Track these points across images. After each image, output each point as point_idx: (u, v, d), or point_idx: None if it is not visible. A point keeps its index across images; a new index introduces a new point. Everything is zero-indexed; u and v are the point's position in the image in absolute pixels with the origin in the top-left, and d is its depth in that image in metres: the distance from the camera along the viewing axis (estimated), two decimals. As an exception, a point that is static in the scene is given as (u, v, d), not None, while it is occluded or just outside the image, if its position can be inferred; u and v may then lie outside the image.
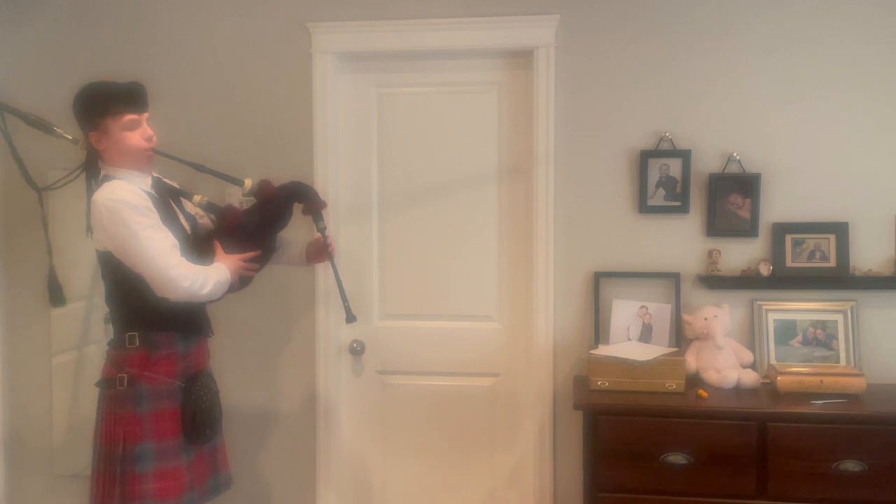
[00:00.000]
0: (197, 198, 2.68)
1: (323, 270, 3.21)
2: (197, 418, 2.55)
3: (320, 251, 2.84)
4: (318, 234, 2.79)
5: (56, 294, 3.07)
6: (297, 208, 2.76)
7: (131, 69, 2.82)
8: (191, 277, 2.43)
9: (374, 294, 3.31)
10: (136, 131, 2.49)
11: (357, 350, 3.29)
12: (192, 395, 2.55)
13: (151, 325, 2.50)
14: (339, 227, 3.27)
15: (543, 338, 3.12)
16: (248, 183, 2.70)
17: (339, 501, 3.32)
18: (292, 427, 3.29)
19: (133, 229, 2.38)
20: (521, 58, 3.13)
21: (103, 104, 2.46)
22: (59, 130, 2.90)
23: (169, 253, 2.42)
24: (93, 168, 2.57)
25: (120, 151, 2.48)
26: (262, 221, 2.69)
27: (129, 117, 2.48)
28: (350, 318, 2.77)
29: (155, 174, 2.63)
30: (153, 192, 2.57)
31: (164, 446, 2.48)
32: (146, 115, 2.55)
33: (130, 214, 2.38)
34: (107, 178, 2.51)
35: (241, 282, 2.66)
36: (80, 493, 2.65)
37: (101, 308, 3.05)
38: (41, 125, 2.92)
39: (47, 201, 3.14)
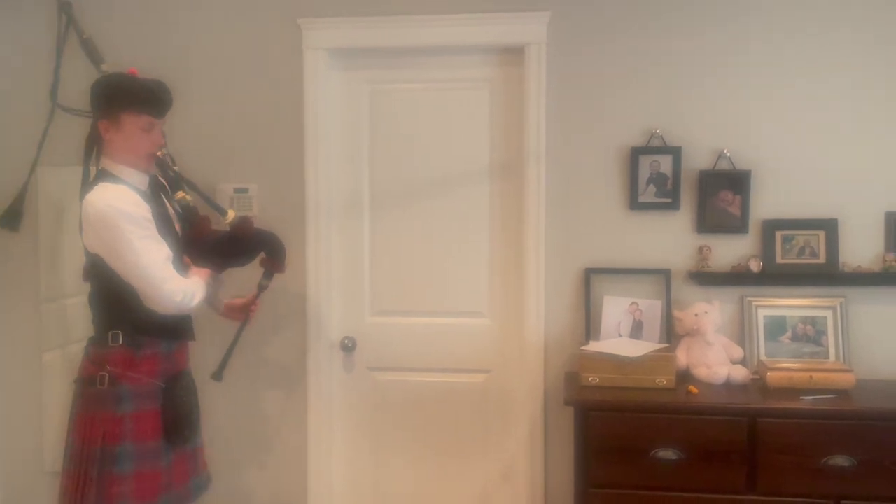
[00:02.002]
0: (179, 195, 2.65)
1: (315, 268, 3.21)
2: (178, 420, 2.51)
3: (241, 309, 2.79)
4: (255, 290, 2.76)
5: (13, 217, 2.96)
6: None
7: (119, 64, 2.80)
8: (182, 291, 2.43)
9: (366, 290, 3.31)
10: (149, 134, 2.47)
11: (348, 346, 3.29)
12: (174, 396, 2.52)
13: (137, 328, 2.47)
14: (331, 225, 3.26)
15: (534, 334, 3.13)
16: (231, 214, 2.68)
17: (330, 498, 3.31)
18: (283, 422, 3.29)
19: (129, 240, 2.34)
20: (513, 55, 3.13)
21: (128, 99, 2.43)
22: (104, 68, 2.76)
23: (163, 266, 2.40)
24: (92, 151, 2.53)
25: (125, 148, 2.46)
26: (223, 251, 2.67)
27: (149, 119, 2.46)
28: (218, 375, 2.74)
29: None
30: (148, 190, 2.55)
31: (143, 448, 2.44)
32: (164, 120, 2.53)
33: (127, 224, 2.34)
34: (105, 172, 2.47)
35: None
36: (70, 490, 2.67)
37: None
38: (92, 52, 2.78)
39: (38, 195, 3.13)
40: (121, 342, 2.45)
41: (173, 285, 2.41)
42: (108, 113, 2.44)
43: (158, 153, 2.55)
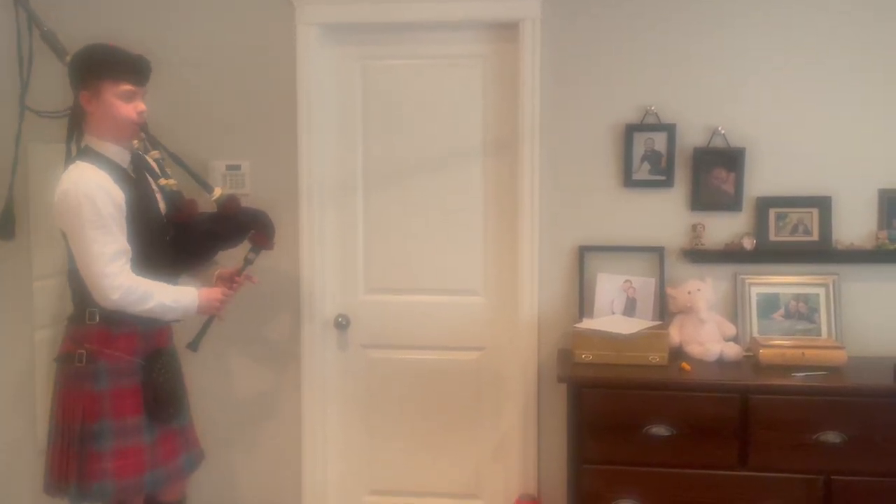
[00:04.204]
0: (163, 181, 2.63)
1: (308, 245, 3.20)
2: (159, 396, 2.51)
3: (227, 280, 2.74)
4: (241, 263, 2.73)
5: (7, 226, 2.92)
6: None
7: (109, 41, 2.77)
8: (123, 289, 2.37)
9: (359, 268, 3.30)
10: (130, 103, 2.46)
11: (342, 324, 3.29)
12: (153, 372, 2.52)
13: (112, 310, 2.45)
14: (325, 201, 3.25)
15: (528, 312, 3.13)
16: (218, 191, 2.66)
17: (324, 474, 3.33)
18: (277, 400, 3.29)
19: (82, 225, 2.34)
20: (507, 30, 3.11)
21: (105, 66, 2.43)
22: (69, 59, 2.67)
23: (108, 259, 2.36)
24: (76, 128, 2.53)
25: (107, 119, 2.45)
26: (211, 231, 2.65)
27: (127, 87, 2.45)
28: (194, 346, 2.70)
29: (137, 144, 2.59)
30: (130, 168, 2.53)
31: (123, 424, 2.44)
32: (144, 90, 2.51)
33: (85, 209, 2.33)
34: (86, 149, 2.47)
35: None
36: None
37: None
38: (54, 45, 2.74)
39: (29, 171, 3.11)
40: (98, 320, 2.46)
41: (113, 281, 2.36)
42: (88, 83, 2.44)
43: (138, 141, 2.56)
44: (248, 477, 3.34)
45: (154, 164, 2.68)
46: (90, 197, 2.34)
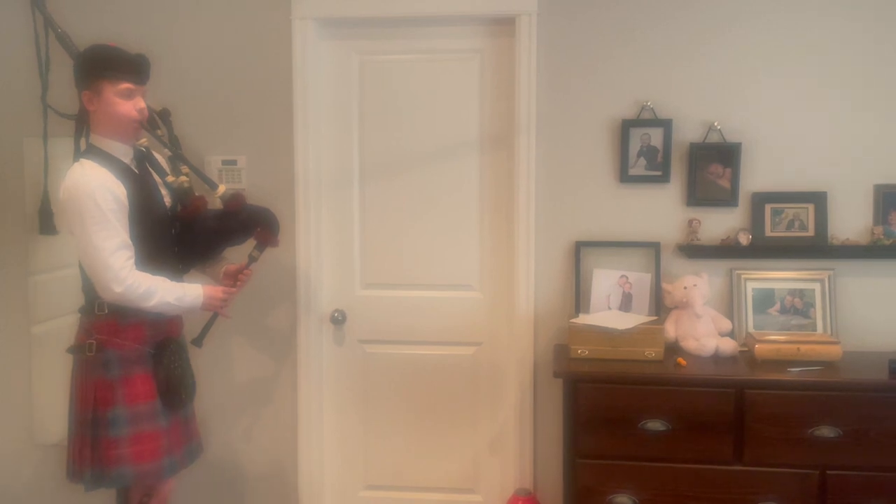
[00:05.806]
0: (170, 178, 2.65)
1: (304, 240, 3.20)
2: (171, 383, 2.56)
3: (232, 276, 2.75)
4: (246, 259, 2.73)
5: (47, 221, 2.99)
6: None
7: (107, 36, 2.76)
8: (126, 284, 2.41)
9: (356, 263, 3.30)
10: (130, 101, 2.49)
11: (338, 319, 3.29)
12: (164, 360, 2.56)
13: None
14: (321, 197, 3.25)
15: (524, 307, 3.13)
16: (222, 189, 2.68)
17: (320, 470, 3.33)
18: (274, 396, 3.29)
19: (84, 221, 2.38)
20: (504, 25, 3.11)
21: (103, 66, 2.47)
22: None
23: (110, 253, 2.39)
24: (82, 126, 2.58)
25: (108, 117, 2.49)
26: (217, 228, 2.69)
27: (126, 85, 2.48)
28: (198, 342, 2.76)
29: (144, 141, 2.61)
30: (133, 165, 2.56)
31: (136, 411, 2.48)
32: (144, 87, 2.55)
33: (87, 205, 2.37)
34: (90, 147, 2.52)
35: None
36: (60, 462, 2.66)
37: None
38: (68, 46, 2.81)
39: (25, 166, 3.10)
40: (106, 311, 2.50)
41: (117, 274, 2.40)
42: (89, 83, 2.49)
43: (143, 142, 2.60)
44: (245, 471, 3.34)
45: (164, 161, 2.71)
46: (90, 193, 2.38)
